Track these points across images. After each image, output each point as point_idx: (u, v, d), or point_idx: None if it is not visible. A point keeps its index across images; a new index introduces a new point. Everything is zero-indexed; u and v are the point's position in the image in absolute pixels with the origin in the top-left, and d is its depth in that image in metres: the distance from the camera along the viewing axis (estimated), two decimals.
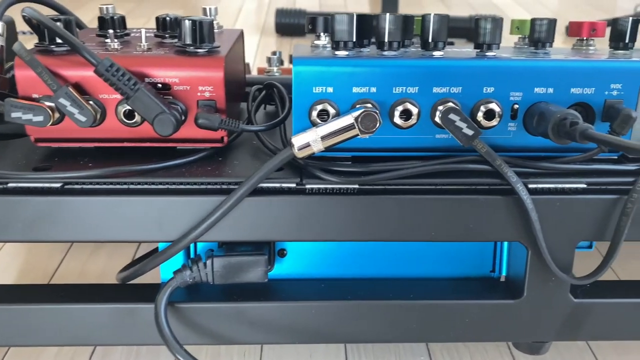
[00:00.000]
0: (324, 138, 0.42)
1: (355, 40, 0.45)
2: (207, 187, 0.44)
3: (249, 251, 0.47)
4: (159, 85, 0.45)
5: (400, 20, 0.44)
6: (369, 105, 0.43)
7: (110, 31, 0.49)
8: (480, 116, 0.44)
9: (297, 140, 0.42)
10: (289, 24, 1.72)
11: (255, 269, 0.46)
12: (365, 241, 0.48)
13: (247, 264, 0.46)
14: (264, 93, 0.57)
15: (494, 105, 0.44)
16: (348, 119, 0.42)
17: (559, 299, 0.48)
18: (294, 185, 0.44)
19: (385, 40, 0.45)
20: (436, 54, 0.46)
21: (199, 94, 0.45)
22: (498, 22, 0.45)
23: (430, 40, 0.45)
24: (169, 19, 0.52)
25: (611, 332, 0.50)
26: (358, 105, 0.44)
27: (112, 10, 0.52)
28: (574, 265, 0.47)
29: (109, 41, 0.48)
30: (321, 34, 0.52)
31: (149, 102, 0.42)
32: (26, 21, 0.44)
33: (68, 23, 0.44)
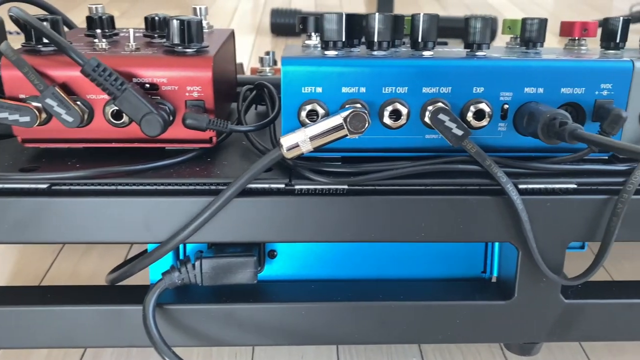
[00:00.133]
0: (313, 138, 0.42)
1: (345, 40, 0.45)
2: (196, 188, 0.44)
3: (238, 252, 0.46)
4: (147, 85, 0.44)
5: (390, 20, 0.44)
6: (358, 105, 0.43)
7: (98, 31, 0.49)
8: (470, 116, 0.44)
9: (286, 140, 0.42)
10: (285, 24, 1.72)
11: (244, 270, 0.46)
12: (355, 242, 0.48)
13: (236, 265, 0.46)
14: (255, 93, 0.57)
15: (483, 106, 0.44)
16: (337, 119, 0.41)
17: (549, 300, 0.48)
18: (282, 185, 0.44)
19: (375, 40, 0.44)
20: (426, 53, 0.45)
21: (187, 94, 0.45)
22: (488, 22, 0.45)
23: (420, 40, 0.45)
24: (157, 18, 0.52)
25: (602, 333, 0.49)
26: (347, 106, 0.43)
27: (102, 10, 0.52)
28: (567, 266, 0.47)
29: (97, 41, 0.47)
30: (312, 34, 0.51)
31: (136, 102, 0.42)
32: (13, 21, 0.44)
33: (55, 23, 0.44)
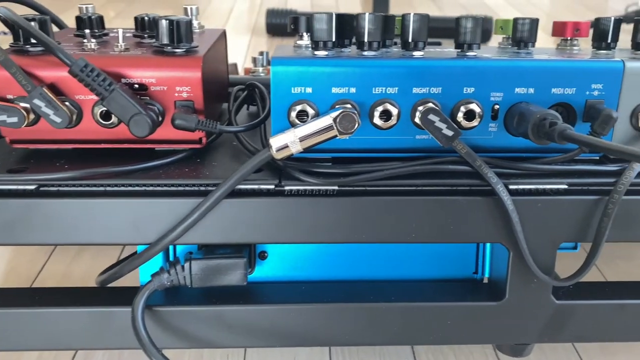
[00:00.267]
0: (303, 139, 0.41)
1: (335, 40, 0.44)
2: (185, 189, 0.44)
3: (228, 254, 0.46)
4: (136, 85, 0.44)
5: (380, 20, 0.44)
6: (348, 105, 0.43)
7: (87, 31, 0.48)
8: (460, 117, 0.44)
9: (275, 141, 0.42)
10: (280, 25, 1.72)
11: (234, 271, 0.46)
12: (345, 243, 0.47)
13: (226, 266, 0.46)
14: (246, 93, 0.57)
15: (474, 106, 0.44)
16: (327, 120, 0.41)
17: (541, 301, 0.47)
18: (272, 186, 0.44)
19: (365, 40, 0.44)
20: (416, 54, 0.45)
21: (177, 94, 0.45)
22: (478, 22, 0.45)
23: (411, 40, 0.45)
24: (147, 19, 0.51)
25: (594, 334, 0.49)
26: (337, 106, 0.43)
27: (92, 10, 0.52)
28: (559, 266, 0.47)
29: (86, 41, 0.47)
30: (304, 34, 0.51)
31: (125, 103, 0.42)
32: (2, 21, 0.44)
33: (43, 23, 0.44)
